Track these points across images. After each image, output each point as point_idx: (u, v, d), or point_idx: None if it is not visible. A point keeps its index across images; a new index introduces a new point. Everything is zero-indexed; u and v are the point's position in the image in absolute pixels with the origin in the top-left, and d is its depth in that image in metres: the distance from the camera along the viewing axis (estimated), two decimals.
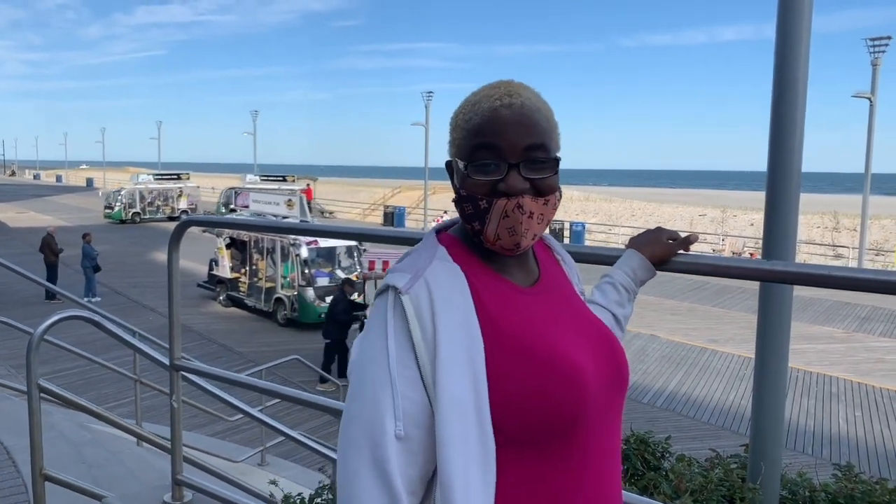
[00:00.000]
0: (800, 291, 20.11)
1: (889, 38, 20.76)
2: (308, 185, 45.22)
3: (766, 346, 2.68)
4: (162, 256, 26.77)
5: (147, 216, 39.64)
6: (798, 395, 11.48)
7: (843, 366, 13.31)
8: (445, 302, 1.07)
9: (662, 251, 1.57)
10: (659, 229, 1.60)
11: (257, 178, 41.35)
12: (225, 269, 18.56)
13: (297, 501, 3.77)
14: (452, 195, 1.19)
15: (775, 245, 2.57)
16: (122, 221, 38.37)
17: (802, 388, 11.84)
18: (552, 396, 1.05)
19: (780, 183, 2.55)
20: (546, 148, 1.13)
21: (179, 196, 41.15)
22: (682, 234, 1.57)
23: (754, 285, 2.77)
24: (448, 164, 1.23)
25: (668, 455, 3.50)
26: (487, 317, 1.09)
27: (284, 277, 16.87)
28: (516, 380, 1.05)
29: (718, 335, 15.77)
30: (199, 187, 45.51)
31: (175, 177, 43.22)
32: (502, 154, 1.11)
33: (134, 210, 39.27)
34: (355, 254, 17.32)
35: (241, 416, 8.03)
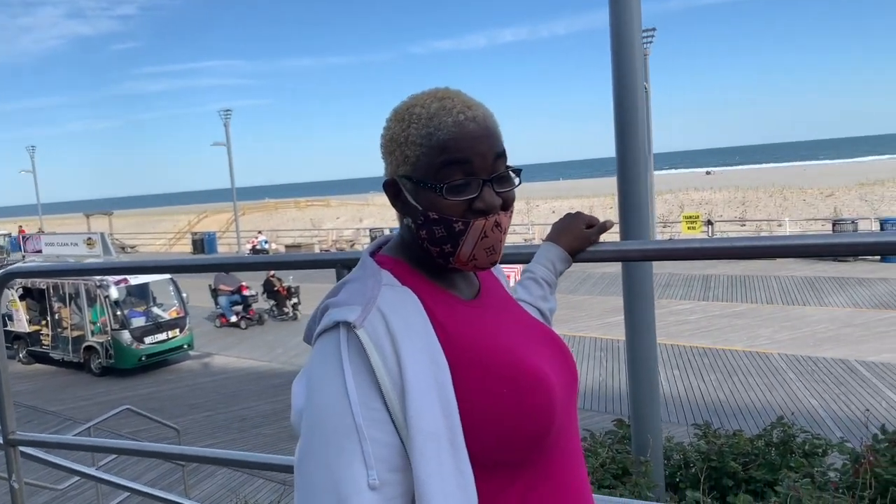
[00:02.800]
0: (605, 268, 21.63)
1: (654, 29, 22.91)
2: (20, 227, 41.28)
3: (635, 324, 2.82)
4: None
5: None
6: (621, 364, 12.32)
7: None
8: (405, 329, 0.98)
9: (580, 242, 1.57)
10: (577, 215, 1.60)
11: None
12: (22, 323, 16.73)
13: None
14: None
15: (632, 226, 2.70)
16: None
17: (623, 356, 12.73)
18: (526, 407, 1.01)
19: (630, 169, 2.68)
20: (506, 156, 1.10)
21: None
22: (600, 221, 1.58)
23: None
24: (390, 183, 1.12)
25: None
26: (447, 336, 1.03)
27: (94, 323, 15.52)
28: (483, 395, 1.00)
29: None
30: None
31: None
32: (475, 170, 1.05)
33: None
34: (171, 288, 16.29)
35: (70, 482, 7.30)
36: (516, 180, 1.11)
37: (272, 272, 18.73)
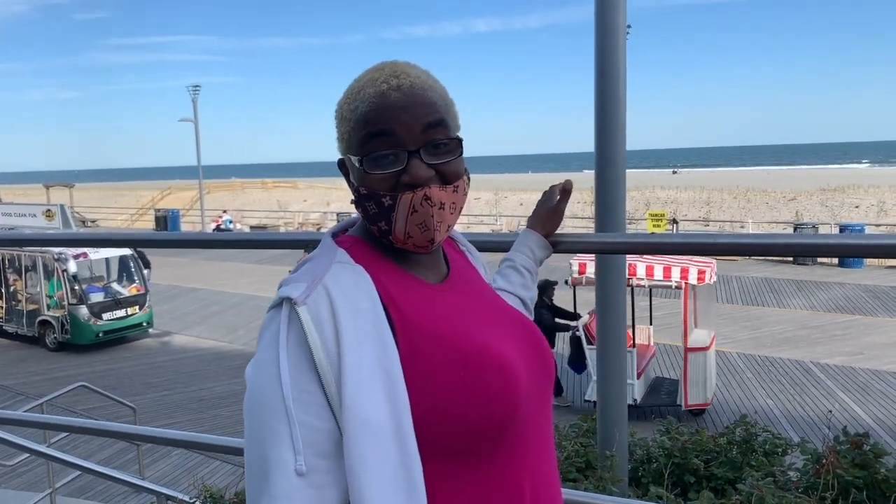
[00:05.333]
0: (565, 262, 21.75)
1: (629, 26, 23.02)
2: None
3: (607, 318, 2.81)
4: None
5: None
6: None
7: None
8: (350, 308, 0.94)
9: (553, 222, 1.56)
10: (549, 191, 1.58)
11: None
12: None
13: None
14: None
15: (608, 221, 2.69)
16: None
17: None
18: (484, 394, 0.96)
19: (608, 162, 2.67)
20: (445, 125, 1.04)
21: None
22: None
23: None
24: (340, 162, 1.11)
25: None
26: (402, 318, 0.99)
27: (50, 297, 15.16)
28: (442, 382, 0.95)
29: None
30: None
31: None
32: (399, 141, 1.00)
33: None
34: (132, 264, 15.98)
35: (21, 458, 7.12)
36: (458, 150, 1.05)
37: None
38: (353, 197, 1.09)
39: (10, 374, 13.24)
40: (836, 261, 21.24)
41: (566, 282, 10.59)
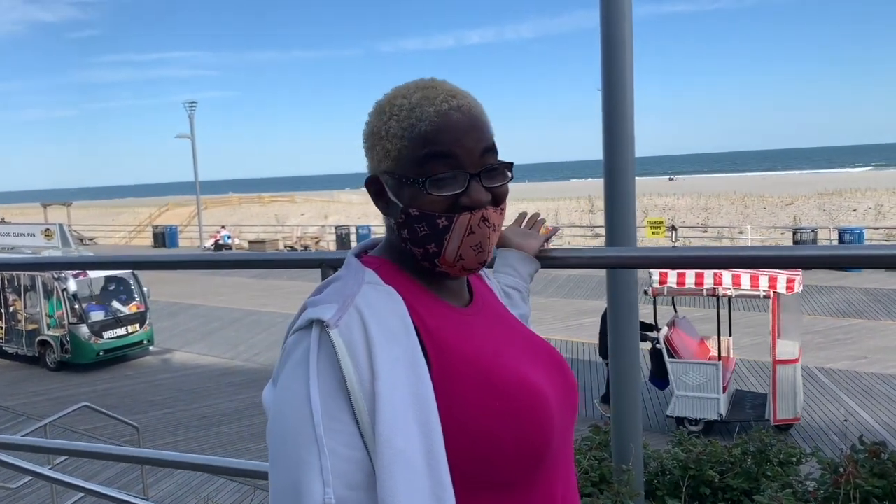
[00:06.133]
0: (571, 271, 21.72)
1: None
2: None
3: (619, 331, 2.78)
4: None
5: None
6: (587, 365, 12.36)
7: None
8: (383, 332, 0.91)
9: (530, 243, 1.54)
10: (515, 223, 1.58)
11: None
12: None
13: None
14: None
15: (618, 232, 2.67)
16: None
17: (589, 357, 12.76)
18: (519, 423, 0.94)
19: (617, 173, 2.65)
20: (496, 150, 1.03)
21: None
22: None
23: None
24: (372, 180, 1.06)
25: None
26: (434, 342, 0.95)
27: (50, 316, 15.10)
28: (476, 409, 0.92)
29: None
30: None
31: None
32: (460, 164, 0.98)
33: None
34: (131, 282, 15.92)
35: (24, 481, 7.07)
36: (508, 174, 1.04)
37: None
38: (386, 217, 1.06)
39: (11, 395, 13.16)
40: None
41: (645, 292, 9.62)
